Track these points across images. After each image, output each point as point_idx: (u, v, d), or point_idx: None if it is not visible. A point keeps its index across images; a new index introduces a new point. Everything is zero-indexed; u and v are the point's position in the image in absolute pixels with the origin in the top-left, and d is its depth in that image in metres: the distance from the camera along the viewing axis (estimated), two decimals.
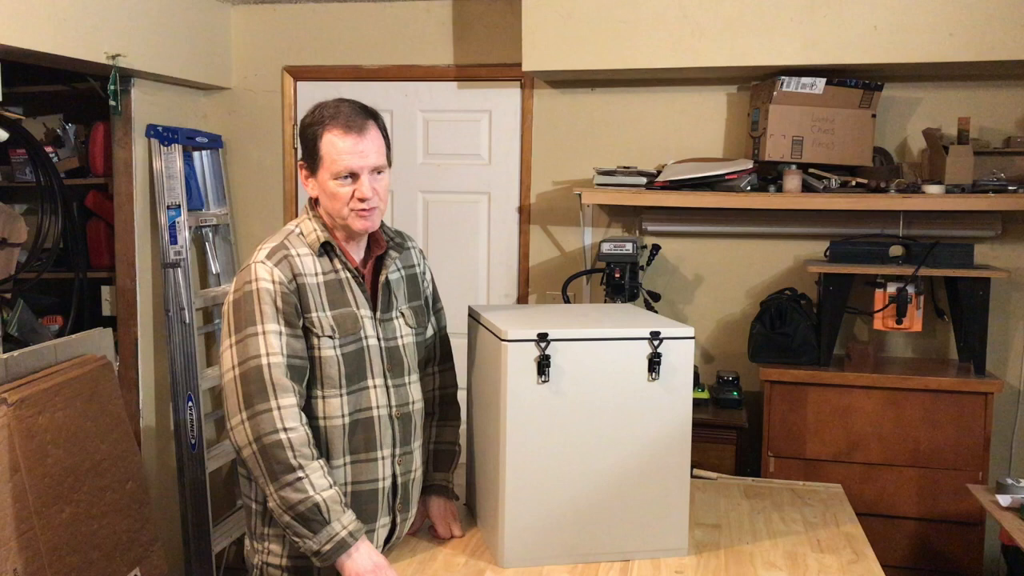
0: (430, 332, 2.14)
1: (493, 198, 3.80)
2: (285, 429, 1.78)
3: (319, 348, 1.87)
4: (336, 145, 1.86)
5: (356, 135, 1.87)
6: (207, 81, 3.79)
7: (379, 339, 1.96)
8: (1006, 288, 3.30)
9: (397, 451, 1.98)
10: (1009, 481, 2.63)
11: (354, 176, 1.88)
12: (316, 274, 1.90)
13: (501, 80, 3.72)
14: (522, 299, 3.78)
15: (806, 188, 3.21)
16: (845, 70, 3.18)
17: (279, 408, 1.79)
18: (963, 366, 3.19)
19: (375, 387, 1.95)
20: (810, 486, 2.53)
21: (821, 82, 3.16)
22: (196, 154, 3.80)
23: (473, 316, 2.17)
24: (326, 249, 1.93)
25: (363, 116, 1.90)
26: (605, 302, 3.33)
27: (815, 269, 3.21)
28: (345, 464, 1.91)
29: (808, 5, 3.09)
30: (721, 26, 3.16)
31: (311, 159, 1.91)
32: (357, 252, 1.99)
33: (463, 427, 2.22)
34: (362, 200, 1.88)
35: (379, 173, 1.92)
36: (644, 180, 3.33)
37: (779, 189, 3.23)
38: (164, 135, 3.51)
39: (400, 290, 2.05)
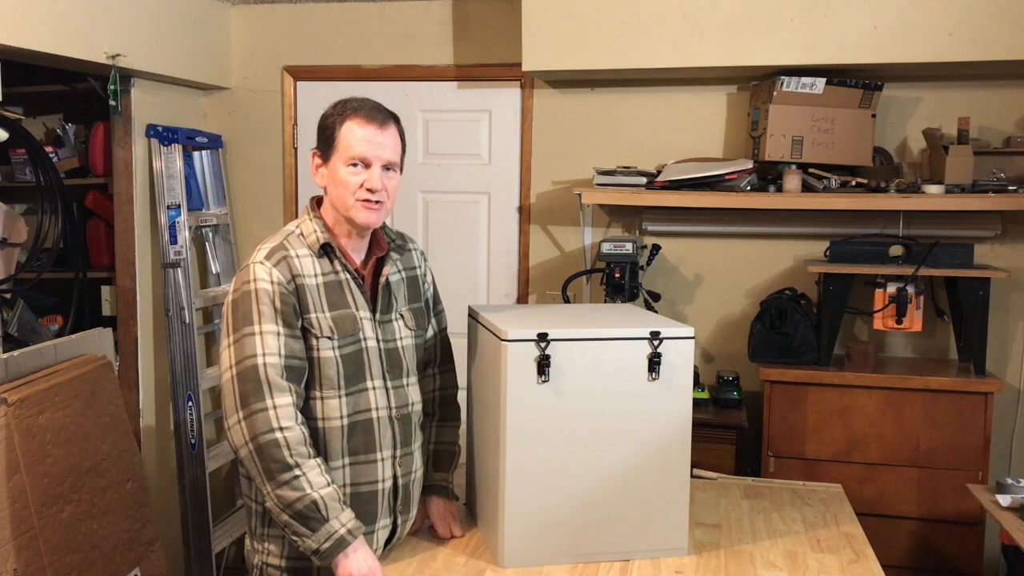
0: (430, 333, 2.14)
1: (493, 198, 3.80)
2: (281, 428, 1.78)
3: (318, 349, 1.87)
4: (355, 132, 1.89)
5: (376, 127, 1.90)
6: (207, 81, 3.79)
7: (378, 341, 1.96)
8: (1006, 288, 3.30)
9: (398, 453, 1.98)
10: (1009, 481, 2.63)
11: (366, 165, 1.89)
12: (315, 275, 1.90)
13: (501, 80, 3.72)
14: (522, 299, 3.78)
15: (806, 188, 3.21)
16: (845, 70, 3.18)
17: (275, 407, 1.79)
18: (963, 366, 3.19)
19: (374, 388, 1.95)
20: (810, 486, 2.53)
21: (821, 82, 3.16)
22: (196, 154, 3.80)
23: (473, 316, 2.17)
24: (326, 250, 1.93)
25: (385, 113, 1.95)
26: (605, 302, 3.33)
27: (815, 269, 3.21)
28: (344, 466, 1.91)
29: (808, 5, 3.09)
30: (721, 26, 3.16)
31: (326, 146, 1.93)
32: (358, 253, 1.99)
33: (463, 427, 2.22)
34: (371, 191, 1.89)
35: (391, 170, 1.93)
36: (644, 180, 3.33)
37: (779, 189, 3.23)
38: (164, 135, 3.51)
39: (400, 292, 2.05)
